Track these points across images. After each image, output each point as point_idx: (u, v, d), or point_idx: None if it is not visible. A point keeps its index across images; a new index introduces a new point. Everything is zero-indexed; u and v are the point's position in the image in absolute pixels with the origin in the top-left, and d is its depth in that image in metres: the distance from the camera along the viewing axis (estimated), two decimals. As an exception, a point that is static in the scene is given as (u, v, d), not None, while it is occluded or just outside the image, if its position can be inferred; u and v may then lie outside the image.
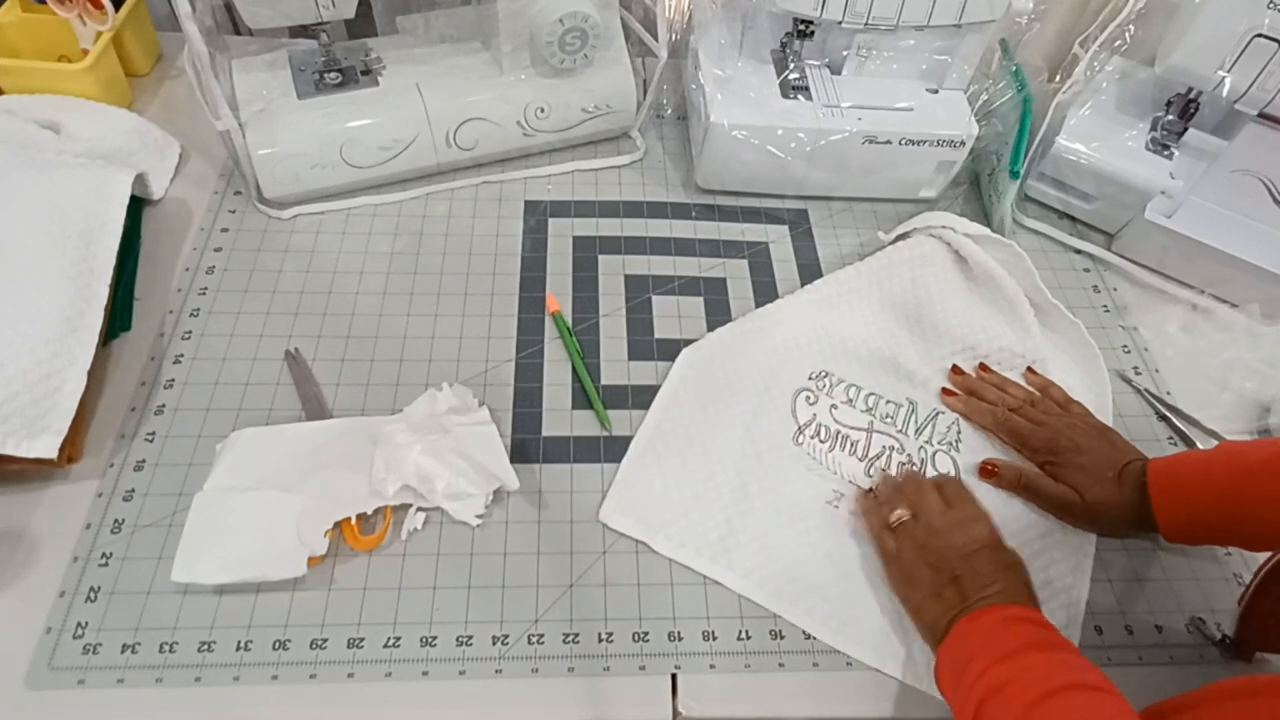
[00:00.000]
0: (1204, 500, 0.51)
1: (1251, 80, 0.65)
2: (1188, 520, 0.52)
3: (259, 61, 0.71)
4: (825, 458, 0.60)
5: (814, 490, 0.58)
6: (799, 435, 0.61)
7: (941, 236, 0.69)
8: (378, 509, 0.53)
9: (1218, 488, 0.50)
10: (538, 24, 0.68)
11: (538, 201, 0.75)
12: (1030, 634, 0.45)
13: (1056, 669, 0.42)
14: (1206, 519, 0.51)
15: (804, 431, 0.61)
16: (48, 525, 0.52)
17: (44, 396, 0.52)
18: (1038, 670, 0.42)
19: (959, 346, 0.65)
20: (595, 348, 0.65)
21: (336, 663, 0.48)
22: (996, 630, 0.45)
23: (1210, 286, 0.72)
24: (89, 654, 0.47)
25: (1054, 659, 0.43)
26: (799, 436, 0.61)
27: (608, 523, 0.55)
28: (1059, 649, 0.44)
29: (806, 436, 0.61)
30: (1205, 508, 0.51)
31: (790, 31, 0.73)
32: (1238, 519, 0.50)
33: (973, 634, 0.46)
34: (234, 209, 0.71)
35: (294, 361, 0.61)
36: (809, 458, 0.59)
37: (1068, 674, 0.42)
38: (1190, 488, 0.52)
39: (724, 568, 0.54)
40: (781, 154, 0.72)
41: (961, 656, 0.45)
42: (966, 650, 0.45)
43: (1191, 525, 0.52)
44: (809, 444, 0.60)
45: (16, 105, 0.69)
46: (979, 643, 0.45)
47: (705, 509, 0.56)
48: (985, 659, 0.43)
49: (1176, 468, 0.53)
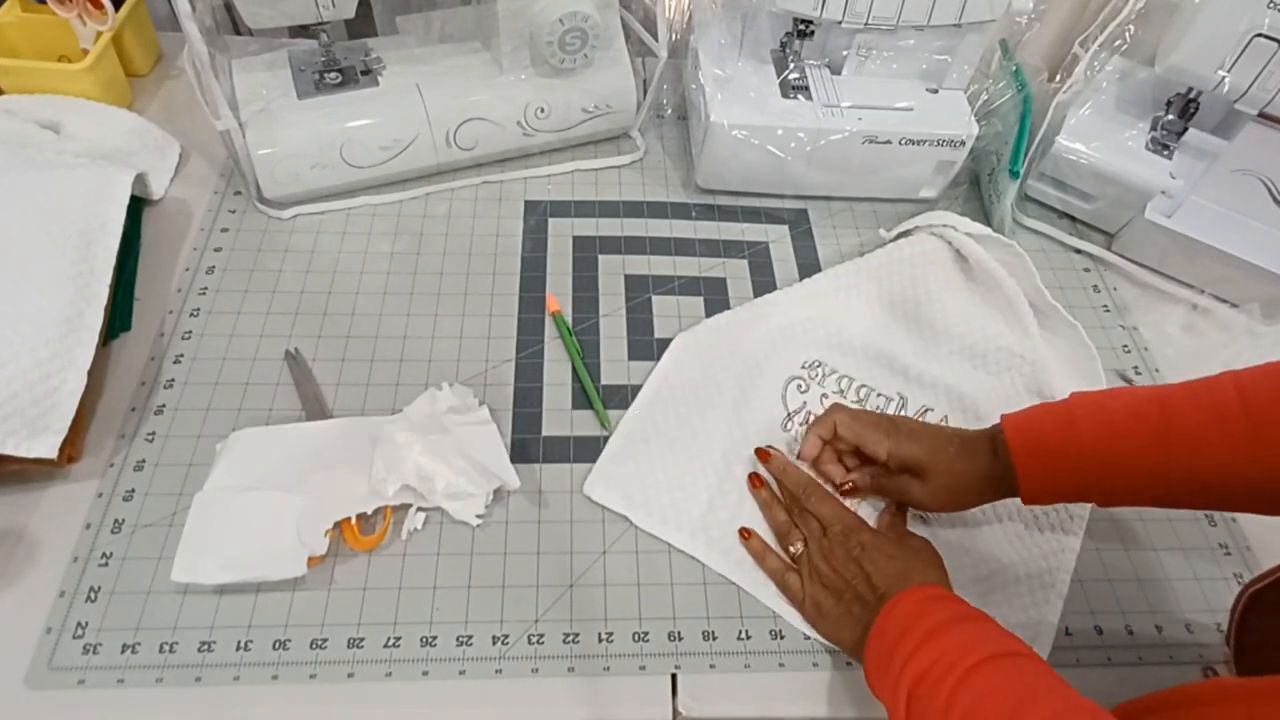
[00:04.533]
0: (1069, 459, 0.49)
1: (1251, 80, 0.65)
2: (1049, 479, 0.50)
3: (259, 61, 0.71)
4: None
5: None
6: (787, 422, 0.61)
7: (943, 235, 0.69)
8: (378, 509, 0.53)
9: (1084, 445, 0.48)
10: (538, 24, 0.68)
11: (538, 201, 0.75)
12: (937, 611, 0.45)
13: (972, 641, 0.42)
14: (1067, 476, 0.49)
15: (793, 419, 0.61)
16: (48, 525, 0.52)
17: (44, 396, 0.52)
18: (955, 648, 0.42)
19: (957, 345, 0.65)
20: (595, 348, 0.65)
21: (336, 663, 0.48)
22: (905, 618, 0.45)
23: (1210, 286, 0.72)
24: (89, 654, 0.47)
25: (967, 631, 0.43)
26: (787, 423, 0.61)
27: (591, 495, 0.56)
28: (970, 620, 0.44)
29: (795, 424, 0.61)
30: (1071, 466, 0.49)
31: (790, 31, 0.73)
32: (1105, 475, 0.48)
33: (884, 632, 0.46)
34: (234, 209, 0.71)
35: (294, 361, 0.61)
36: (797, 444, 0.60)
37: (986, 644, 0.42)
38: (1053, 444, 0.50)
39: (703, 545, 0.54)
40: (781, 154, 0.72)
41: (881, 656, 0.45)
42: (885, 648, 0.45)
43: (1052, 484, 0.50)
44: (797, 431, 0.61)
45: (16, 105, 0.69)
46: (893, 638, 0.45)
47: (688, 488, 0.57)
48: (903, 651, 0.43)
49: (1033, 424, 0.51)
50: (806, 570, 0.53)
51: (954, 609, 0.45)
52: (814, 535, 0.53)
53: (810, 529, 0.54)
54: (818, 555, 0.52)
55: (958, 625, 0.44)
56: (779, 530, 0.56)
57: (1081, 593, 0.55)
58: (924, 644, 0.43)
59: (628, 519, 0.55)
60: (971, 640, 0.42)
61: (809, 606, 0.52)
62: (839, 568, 0.51)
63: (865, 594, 0.49)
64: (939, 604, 0.46)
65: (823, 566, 0.52)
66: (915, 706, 0.41)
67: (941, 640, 0.42)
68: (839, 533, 0.52)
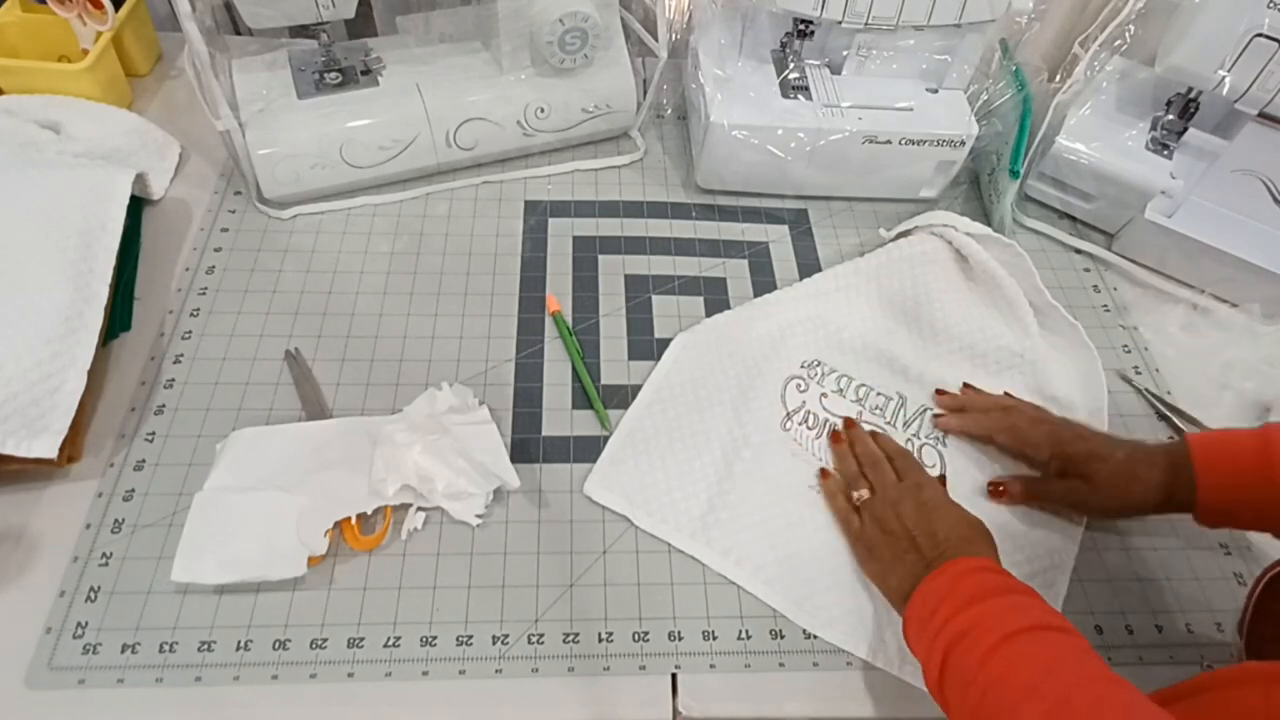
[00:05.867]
0: (1257, 481, 0.49)
1: (1251, 80, 0.65)
2: (1232, 503, 0.50)
3: (259, 61, 0.71)
4: (811, 444, 0.60)
5: (797, 475, 0.58)
6: (786, 421, 0.61)
7: (943, 235, 0.69)
8: (378, 509, 0.53)
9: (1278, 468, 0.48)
10: (538, 24, 0.68)
11: (538, 201, 0.75)
12: (990, 581, 0.46)
13: (1017, 611, 0.43)
14: (1254, 502, 0.49)
15: (792, 418, 0.61)
16: (48, 525, 0.52)
17: (44, 396, 0.52)
18: (998, 614, 0.43)
19: (956, 345, 0.65)
20: (595, 347, 0.65)
21: (336, 663, 0.48)
22: (958, 582, 0.46)
23: (1210, 286, 0.72)
24: (89, 654, 0.47)
25: (1015, 602, 0.44)
26: (786, 423, 0.61)
27: (591, 495, 0.56)
28: (1019, 593, 0.45)
29: (794, 423, 0.61)
30: (1256, 489, 0.49)
31: (790, 31, 0.73)
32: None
33: (935, 590, 0.47)
34: (234, 209, 0.71)
35: (294, 361, 0.61)
36: (795, 443, 0.60)
37: (1029, 615, 0.43)
38: (1244, 467, 0.49)
39: (703, 545, 0.54)
40: (781, 154, 0.72)
41: (925, 611, 0.46)
42: (929, 605, 0.46)
43: (1234, 508, 0.50)
44: (796, 430, 0.61)
45: (16, 105, 0.69)
46: (941, 596, 0.46)
47: (688, 488, 0.57)
48: (947, 610, 0.44)
49: (1224, 447, 0.51)
50: (869, 515, 0.54)
51: (1007, 581, 0.46)
52: (887, 485, 0.55)
53: (884, 479, 0.55)
54: (885, 502, 0.53)
55: (1007, 595, 0.44)
56: (849, 475, 0.57)
57: (1081, 593, 0.55)
58: (969, 606, 0.43)
59: (628, 519, 0.55)
60: (1017, 609, 0.43)
61: (861, 546, 0.54)
62: (904, 515, 0.52)
63: (926, 547, 0.49)
64: (993, 574, 0.47)
65: (889, 513, 0.53)
66: (950, 663, 0.42)
67: (987, 605, 0.43)
68: (913, 484, 0.54)
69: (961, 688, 0.41)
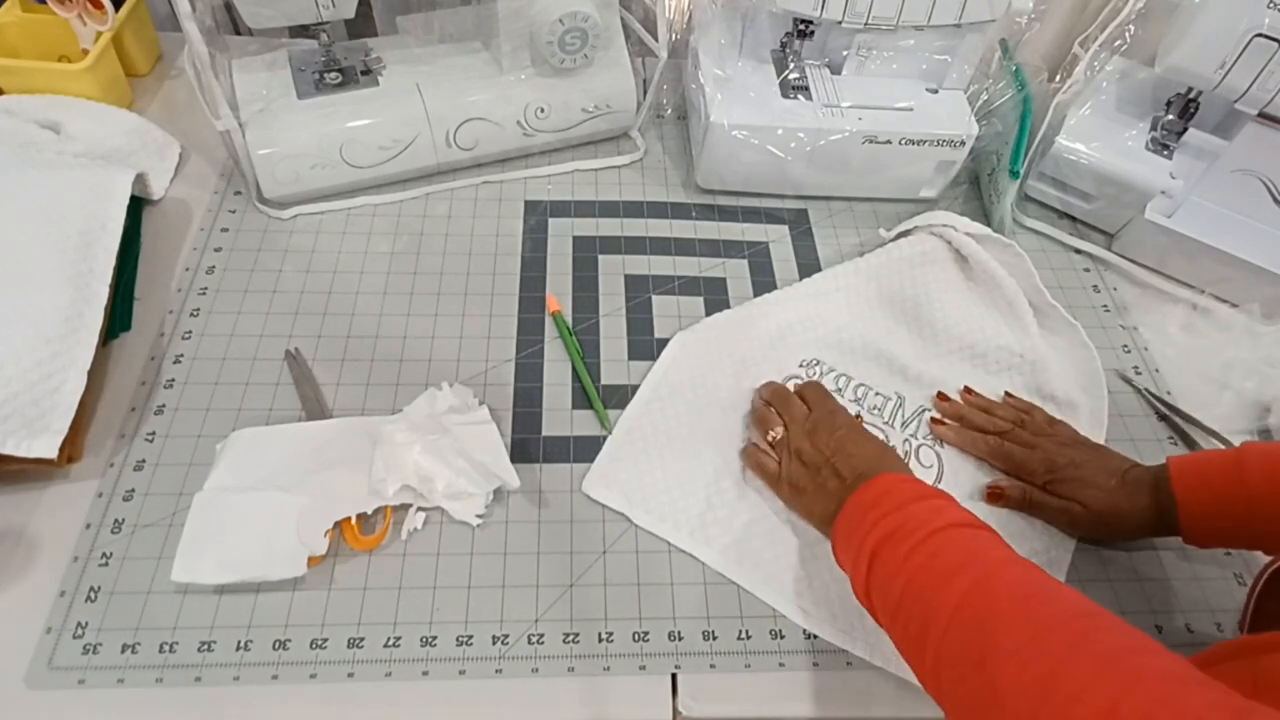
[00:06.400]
0: (1235, 502, 0.50)
1: (1251, 80, 0.65)
2: (1214, 523, 0.51)
3: (259, 61, 0.71)
4: None
5: None
6: None
7: (942, 235, 0.69)
8: (378, 509, 0.53)
9: (1252, 488, 0.49)
10: (538, 24, 0.68)
11: (538, 201, 0.75)
12: (910, 489, 0.48)
13: (938, 513, 0.45)
14: (1234, 521, 0.50)
15: None
16: (48, 525, 0.52)
17: (44, 396, 0.52)
18: (922, 516, 0.45)
19: (956, 345, 0.65)
20: (595, 347, 0.65)
21: (336, 663, 0.48)
22: (881, 495, 0.48)
23: (1210, 286, 0.72)
24: (89, 654, 0.47)
25: (935, 506, 0.46)
26: None
27: (590, 493, 0.56)
28: (939, 498, 0.47)
29: None
30: (1234, 509, 0.50)
31: (790, 31, 0.73)
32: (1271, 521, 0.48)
33: (860, 502, 0.48)
34: (234, 209, 0.71)
35: (294, 361, 0.61)
36: None
37: (950, 515, 0.45)
38: (1219, 489, 0.50)
39: (702, 543, 0.55)
40: (781, 154, 0.72)
41: (851, 524, 0.48)
42: (856, 516, 0.48)
43: (1217, 527, 0.51)
44: None
45: (16, 105, 0.69)
46: (867, 507, 0.48)
47: (687, 485, 0.57)
48: (874, 516, 0.46)
49: (1202, 468, 0.52)
50: (786, 450, 0.55)
51: (925, 489, 0.48)
52: (798, 418, 0.56)
53: (794, 413, 0.57)
54: (800, 435, 0.55)
55: (928, 500, 0.47)
56: (760, 418, 0.58)
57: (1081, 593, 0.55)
58: (894, 511, 0.46)
59: (627, 518, 0.55)
60: (939, 511, 0.45)
61: (785, 486, 0.55)
62: (820, 444, 0.53)
63: (844, 471, 0.51)
64: (912, 485, 0.48)
65: (805, 444, 0.54)
66: (877, 563, 0.44)
67: (911, 509, 0.46)
68: (825, 413, 0.56)
69: (887, 581, 0.43)
